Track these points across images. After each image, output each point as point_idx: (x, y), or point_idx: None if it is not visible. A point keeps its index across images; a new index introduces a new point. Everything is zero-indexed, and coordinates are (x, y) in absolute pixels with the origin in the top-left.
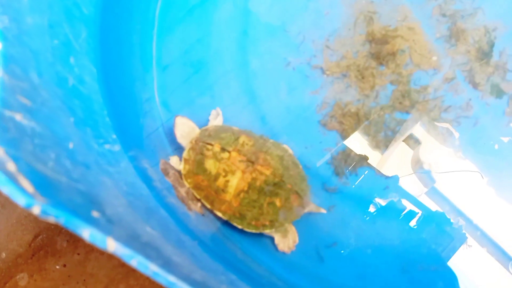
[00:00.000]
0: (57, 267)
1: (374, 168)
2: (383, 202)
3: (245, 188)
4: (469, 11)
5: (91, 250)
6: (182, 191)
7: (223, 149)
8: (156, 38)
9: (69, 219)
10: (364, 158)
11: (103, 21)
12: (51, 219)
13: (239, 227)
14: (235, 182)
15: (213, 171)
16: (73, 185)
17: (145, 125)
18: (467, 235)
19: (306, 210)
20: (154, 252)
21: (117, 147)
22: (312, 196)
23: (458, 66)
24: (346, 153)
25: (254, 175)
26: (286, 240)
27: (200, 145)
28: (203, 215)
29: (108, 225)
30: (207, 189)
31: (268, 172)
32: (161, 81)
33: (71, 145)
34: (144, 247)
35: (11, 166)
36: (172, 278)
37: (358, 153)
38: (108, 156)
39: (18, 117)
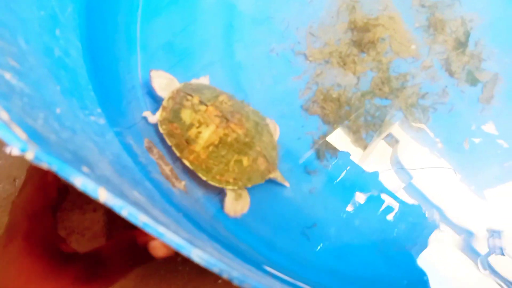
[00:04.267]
0: None
1: (354, 161)
2: (363, 196)
3: (215, 142)
4: (447, 3)
5: (71, 231)
6: (167, 169)
7: (201, 102)
8: (140, 21)
9: (61, 166)
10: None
11: None
12: (44, 165)
13: (204, 178)
14: (207, 134)
15: (188, 121)
16: (62, 143)
17: (129, 105)
18: (440, 228)
19: (272, 175)
20: (143, 211)
21: (102, 121)
22: (279, 165)
23: (435, 55)
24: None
25: (226, 131)
26: (236, 204)
27: (181, 95)
28: (186, 193)
29: (97, 181)
30: (179, 138)
31: (240, 132)
32: (146, 67)
33: (58, 110)
34: (133, 204)
35: (4, 115)
36: (162, 229)
37: (339, 140)
38: (93, 126)
39: (7, 75)
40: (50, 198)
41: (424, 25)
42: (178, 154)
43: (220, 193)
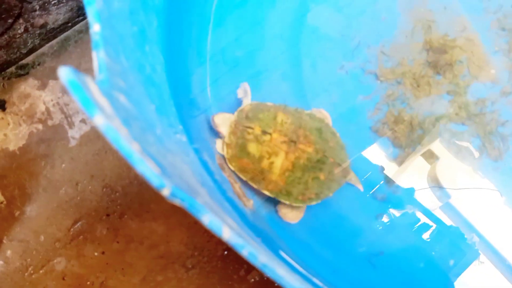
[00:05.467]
0: (96, 254)
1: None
2: (397, 213)
3: (290, 167)
4: None
5: (131, 239)
6: (236, 187)
7: (264, 132)
8: (211, 32)
9: (193, 204)
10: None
11: (169, 12)
12: (177, 202)
13: (287, 202)
14: (280, 162)
15: (257, 154)
16: (171, 170)
17: (200, 117)
18: (480, 251)
19: (348, 178)
20: (244, 241)
21: (184, 138)
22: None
23: None
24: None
25: (297, 154)
26: (293, 212)
27: (241, 129)
28: (254, 211)
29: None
30: (253, 171)
31: (310, 150)
32: (213, 75)
33: (158, 131)
34: (241, 236)
35: (135, 147)
36: (281, 271)
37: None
38: (181, 145)
39: (122, 98)
40: None
41: (504, 49)
42: (255, 186)
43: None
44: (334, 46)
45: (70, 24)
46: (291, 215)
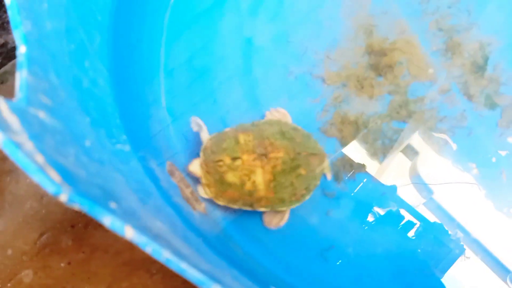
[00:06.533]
0: (62, 265)
1: (372, 175)
2: (381, 211)
3: (271, 178)
4: (464, 26)
5: (96, 248)
6: (187, 192)
7: (233, 159)
8: (164, 45)
9: (92, 207)
10: (363, 166)
11: (116, 28)
12: (76, 206)
13: (284, 209)
14: (260, 178)
15: (237, 181)
16: (90, 179)
17: (152, 127)
18: (465, 246)
19: (323, 166)
20: (165, 243)
21: (127, 147)
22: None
23: (453, 79)
24: (345, 160)
25: (271, 163)
26: (276, 217)
27: (212, 166)
28: (206, 215)
29: (124, 216)
30: (241, 197)
31: (281, 154)
32: (167, 86)
33: (87, 143)
34: (156, 238)
35: (39, 158)
36: (184, 265)
37: (356, 160)
38: (120, 155)
39: (41, 114)
40: None
41: (441, 49)
42: (249, 209)
43: (236, 211)
44: (283, 54)
45: None
46: (275, 221)
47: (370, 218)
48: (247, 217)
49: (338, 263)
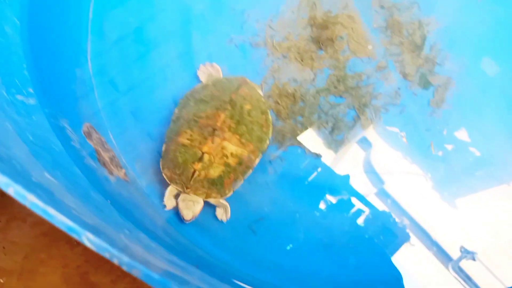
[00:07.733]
0: None
1: (305, 147)
2: (333, 200)
3: (237, 133)
4: (406, 5)
5: (13, 217)
6: (106, 156)
7: (200, 158)
8: (93, 5)
9: None
10: (318, 155)
11: None
12: None
13: (268, 143)
14: (231, 144)
15: (223, 165)
16: None
17: (75, 89)
18: (410, 234)
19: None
20: (44, 192)
21: (32, 101)
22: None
23: (391, 56)
24: (279, 131)
25: (226, 126)
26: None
27: (193, 181)
28: (128, 181)
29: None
30: (234, 170)
31: (223, 115)
32: (94, 48)
33: None
34: (33, 185)
35: None
36: (52, 211)
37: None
38: (18, 106)
39: None
40: None
41: (382, 26)
42: (242, 177)
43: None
44: (224, 20)
45: None
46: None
47: (322, 206)
48: None
49: (289, 242)
